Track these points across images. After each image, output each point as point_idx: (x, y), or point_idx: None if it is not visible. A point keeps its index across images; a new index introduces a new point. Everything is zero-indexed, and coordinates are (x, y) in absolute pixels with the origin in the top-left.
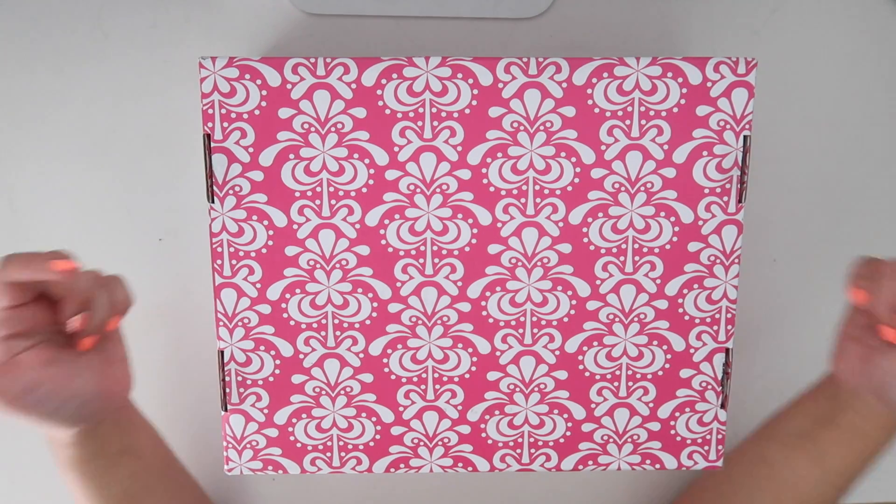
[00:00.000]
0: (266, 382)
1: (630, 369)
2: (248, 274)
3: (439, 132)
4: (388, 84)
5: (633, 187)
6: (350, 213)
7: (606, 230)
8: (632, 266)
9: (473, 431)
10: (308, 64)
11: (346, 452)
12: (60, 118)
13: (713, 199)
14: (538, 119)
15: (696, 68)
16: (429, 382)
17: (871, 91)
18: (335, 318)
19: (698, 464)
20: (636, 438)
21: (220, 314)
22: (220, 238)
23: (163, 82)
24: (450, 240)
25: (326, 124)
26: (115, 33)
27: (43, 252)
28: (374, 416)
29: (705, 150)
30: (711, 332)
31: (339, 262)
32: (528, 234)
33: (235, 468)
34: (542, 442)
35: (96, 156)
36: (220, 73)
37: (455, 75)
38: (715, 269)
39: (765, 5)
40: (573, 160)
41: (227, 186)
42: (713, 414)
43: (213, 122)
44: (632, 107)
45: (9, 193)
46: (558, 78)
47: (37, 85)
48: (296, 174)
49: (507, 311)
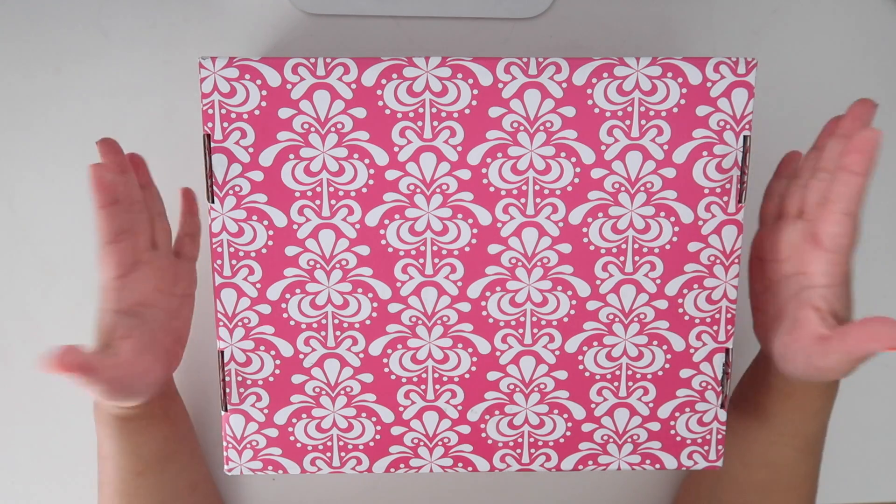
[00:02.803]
0: (266, 382)
1: (630, 369)
2: (248, 274)
3: (439, 132)
4: (388, 84)
5: (633, 187)
6: (350, 213)
7: (606, 230)
8: (632, 266)
9: (473, 431)
10: (308, 64)
11: (346, 452)
12: (60, 118)
13: (713, 199)
14: (538, 119)
15: (696, 68)
16: (429, 382)
17: (871, 91)
18: (335, 318)
19: (698, 464)
20: (636, 438)
21: (220, 314)
22: (220, 238)
23: (163, 82)
24: (450, 240)
25: (326, 124)
26: (115, 33)
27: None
28: (374, 416)
29: (705, 150)
30: (711, 332)
31: (339, 262)
32: (528, 234)
33: (235, 468)
34: (542, 442)
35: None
36: (220, 73)
37: (455, 75)
38: (715, 269)
39: (765, 5)
40: (573, 160)
41: (227, 186)
42: (713, 414)
43: (213, 122)
44: (632, 107)
45: (9, 193)
46: (558, 78)
47: (37, 85)
48: (296, 174)
49: (507, 311)
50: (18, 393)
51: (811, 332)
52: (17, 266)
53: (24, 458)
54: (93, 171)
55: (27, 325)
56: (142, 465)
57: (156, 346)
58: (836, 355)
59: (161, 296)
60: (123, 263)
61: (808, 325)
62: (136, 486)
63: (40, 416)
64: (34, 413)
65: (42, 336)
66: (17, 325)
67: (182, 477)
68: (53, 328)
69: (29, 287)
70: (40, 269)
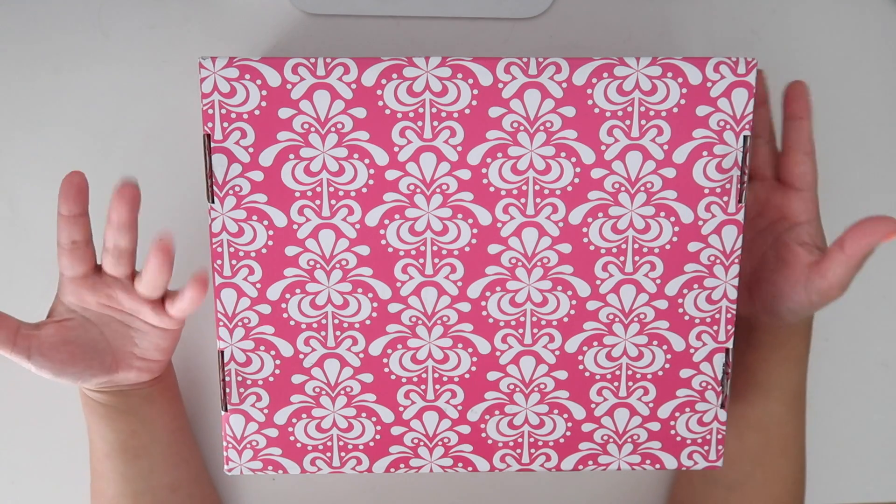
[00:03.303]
0: (266, 382)
1: (630, 369)
2: (248, 274)
3: (439, 132)
4: (388, 84)
5: (633, 187)
6: (350, 213)
7: (606, 230)
8: (632, 266)
9: (473, 431)
10: (308, 64)
11: (346, 452)
12: (60, 118)
13: (713, 199)
14: (538, 119)
15: (696, 68)
16: (429, 382)
17: (871, 91)
18: (335, 318)
19: (698, 464)
20: (636, 438)
21: (220, 314)
22: (220, 238)
23: (163, 82)
24: (450, 240)
25: (326, 124)
26: (115, 33)
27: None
28: (374, 416)
29: (705, 151)
30: (711, 332)
31: (339, 262)
32: (528, 234)
33: (235, 468)
34: (542, 442)
35: (96, 156)
36: (220, 73)
37: (455, 75)
38: (715, 269)
39: (765, 5)
40: (573, 160)
41: (227, 186)
42: (713, 414)
43: (213, 122)
44: (632, 107)
45: (9, 194)
46: (558, 78)
47: (37, 85)
48: (296, 174)
49: (507, 311)
50: (18, 393)
51: (804, 263)
52: (17, 266)
53: (24, 458)
54: (73, 176)
55: None
56: (107, 448)
57: (82, 344)
58: (837, 267)
59: (104, 309)
60: (73, 268)
61: (799, 258)
62: (107, 469)
63: (40, 416)
64: (34, 413)
65: None
66: None
67: (156, 475)
68: None
69: (29, 287)
70: (40, 269)
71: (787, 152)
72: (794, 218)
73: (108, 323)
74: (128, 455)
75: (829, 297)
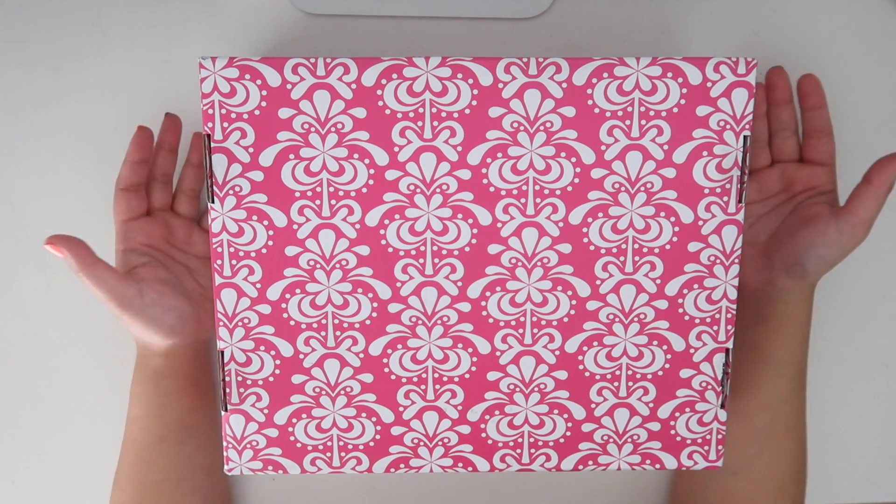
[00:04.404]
0: (266, 382)
1: (630, 369)
2: (248, 274)
3: (439, 132)
4: (388, 84)
5: (633, 187)
6: (350, 213)
7: (606, 230)
8: (632, 266)
9: (473, 431)
10: (308, 64)
11: (346, 452)
12: (60, 118)
13: (713, 199)
14: (538, 119)
15: (696, 68)
16: (429, 382)
17: (871, 91)
18: (335, 318)
19: (698, 464)
20: (636, 438)
21: (220, 314)
22: (220, 238)
23: (163, 82)
24: (450, 240)
25: (326, 124)
26: (115, 33)
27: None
28: (374, 416)
29: (705, 151)
30: (711, 332)
31: (339, 262)
32: (528, 234)
33: (235, 468)
34: (542, 442)
35: (96, 156)
36: (220, 73)
37: (455, 75)
38: (715, 270)
39: (765, 5)
40: (573, 160)
41: (227, 186)
42: (713, 414)
43: (213, 122)
44: (632, 107)
45: (9, 193)
46: (558, 78)
47: (36, 85)
48: (296, 174)
49: (507, 311)
50: (18, 393)
51: (829, 214)
52: (17, 266)
53: (24, 458)
54: (140, 131)
55: (27, 325)
56: (165, 430)
57: (175, 283)
58: (866, 201)
59: (172, 248)
60: (131, 209)
61: (824, 212)
62: (156, 454)
63: (40, 416)
64: (34, 413)
65: (42, 336)
66: (17, 325)
67: (199, 455)
68: (53, 328)
69: (29, 287)
70: (40, 269)
71: (810, 135)
72: (820, 188)
73: (171, 264)
74: (182, 435)
75: (856, 237)
